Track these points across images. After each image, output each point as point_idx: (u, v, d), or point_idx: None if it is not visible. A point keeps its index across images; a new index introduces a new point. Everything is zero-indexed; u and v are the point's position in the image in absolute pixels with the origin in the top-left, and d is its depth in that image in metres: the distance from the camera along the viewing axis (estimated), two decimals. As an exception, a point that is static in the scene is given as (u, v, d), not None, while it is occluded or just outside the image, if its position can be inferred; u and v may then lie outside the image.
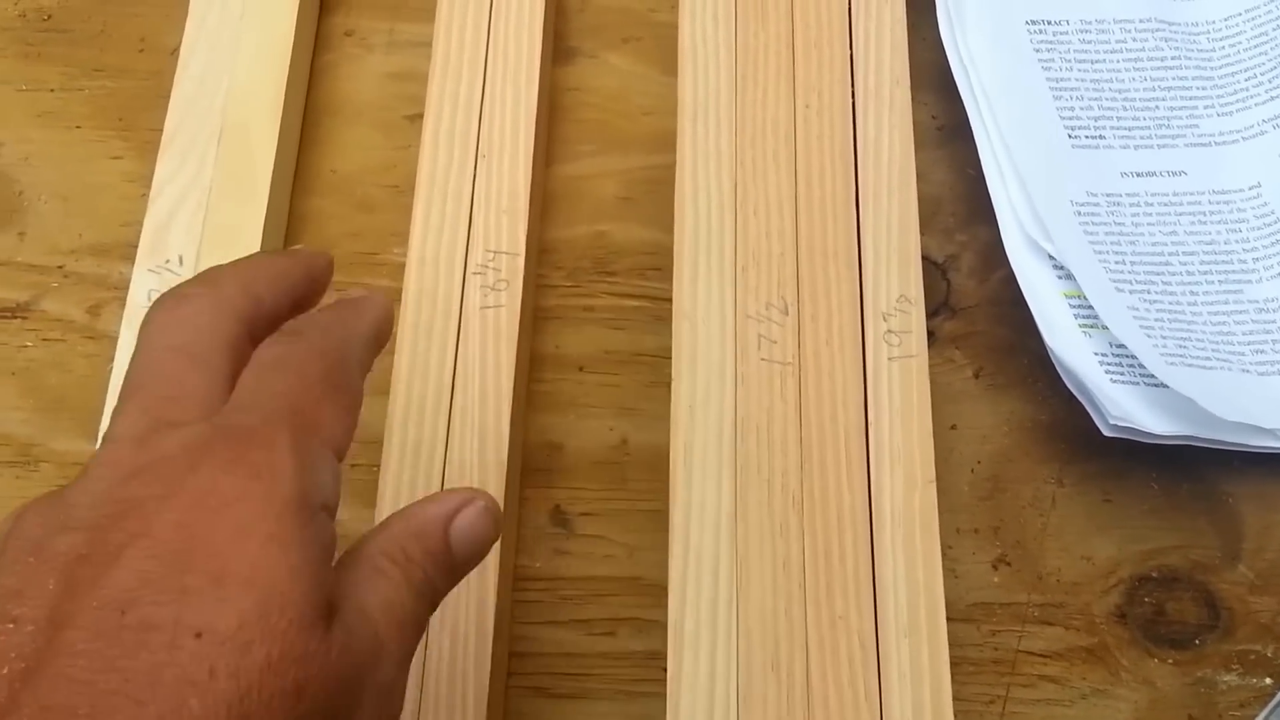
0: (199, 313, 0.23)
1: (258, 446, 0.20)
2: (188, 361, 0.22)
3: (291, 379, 0.22)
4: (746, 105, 0.34)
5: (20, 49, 0.39)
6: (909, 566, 0.29)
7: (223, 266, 0.24)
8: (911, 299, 0.31)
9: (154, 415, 0.21)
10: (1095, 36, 0.36)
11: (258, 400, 0.21)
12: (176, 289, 0.24)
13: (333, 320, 0.24)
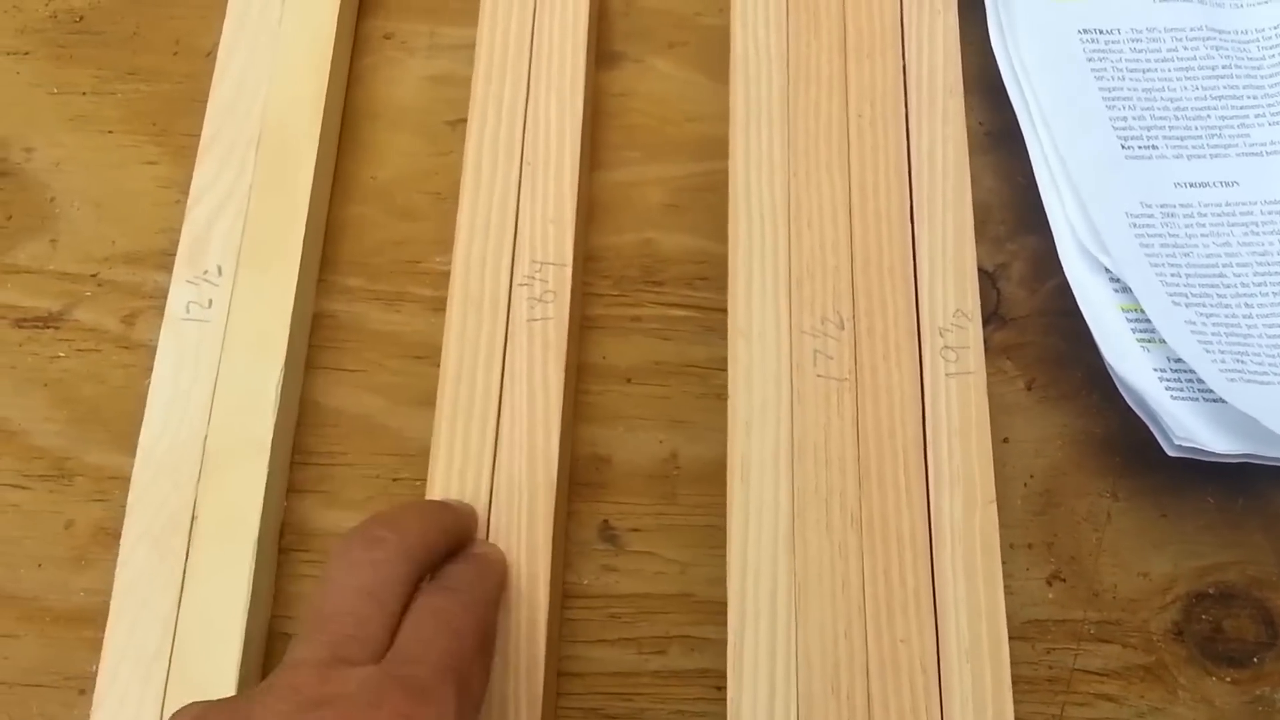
0: (387, 560, 0.25)
1: (429, 703, 0.23)
2: (372, 605, 0.25)
3: (452, 638, 0.25)
4: (799, 115, 0.32)
5: (51, 51, 0.37)
6: (970, 588, 0.27)
7: (407, 513, 0.28)
8: (968, 313, 0.30)
9: (336, 651, 0.24)
10: (1146, 45, 0.34)
11: (426, 654, 0.24)
12: (369, 530, 0.26)
13: (475, 578, 0.27)
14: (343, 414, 0.33)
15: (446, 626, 0.25)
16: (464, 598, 0.26)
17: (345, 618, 0.24)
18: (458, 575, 0.27)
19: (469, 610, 0.26)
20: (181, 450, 0.31)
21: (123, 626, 0.30)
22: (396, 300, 0.35)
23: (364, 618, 0.24)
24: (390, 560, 0.26)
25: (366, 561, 0.25)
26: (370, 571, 0.25)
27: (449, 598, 0.26)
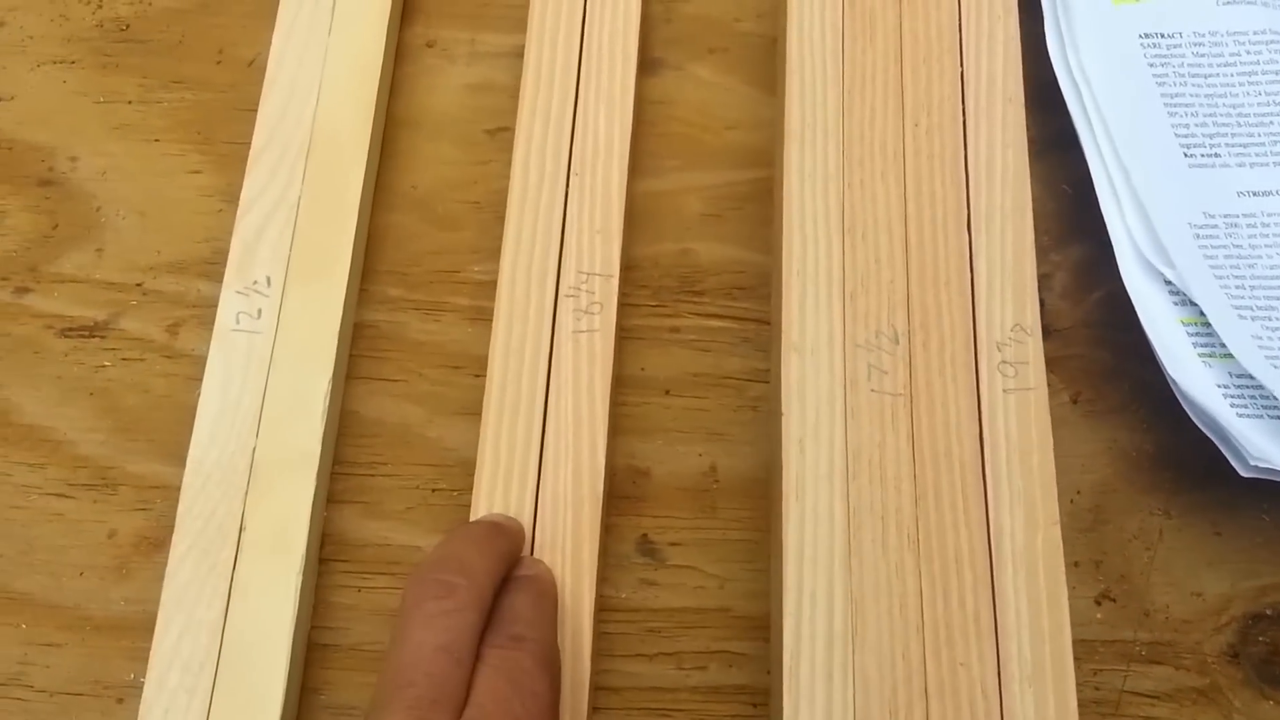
0: (460, 609, 0.25)
1: None
2: (450, 662, 0.24)
3: (529, 698, 0.24)
4: (854, 124, 0.30)
5: (97, 60, 0.36)
6: (1033, 611, 0.25)
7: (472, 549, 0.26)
8: (1027, 328, 0.28)
9: (419, 715, 0.23)
10: (1209, 50, 0.31)
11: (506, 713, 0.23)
12: (441, 575, 0.25)
13: (536, 616, 0.26)
14: (382, 424, 0.32)
15: (522, 687, 0.24)
16: (533, 648, 0.25)
17: (424, 680, 0.24)
18: (521, 616, 0.26)
19: (541, 664, 0.25)
20: (230, 461, 0.30)
21: (170, 636, 0.28)
22: (435, 310, 0.33)
23: (443, 678, 0.24)
24: (463, 609, 0.25)
25: (440, 613, 0.25)
26: (444, 624, 0.24)
27: (520, 651, 0.25)
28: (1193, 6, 0.32)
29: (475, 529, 0.28)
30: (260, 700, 0.28)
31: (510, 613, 0.26)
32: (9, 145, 0.35)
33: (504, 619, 0.26)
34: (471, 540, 0.27)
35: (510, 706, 0.24)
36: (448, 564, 0.26)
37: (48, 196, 0.34)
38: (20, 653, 0.30)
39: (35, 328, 0.33)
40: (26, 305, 0.33)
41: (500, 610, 0.26)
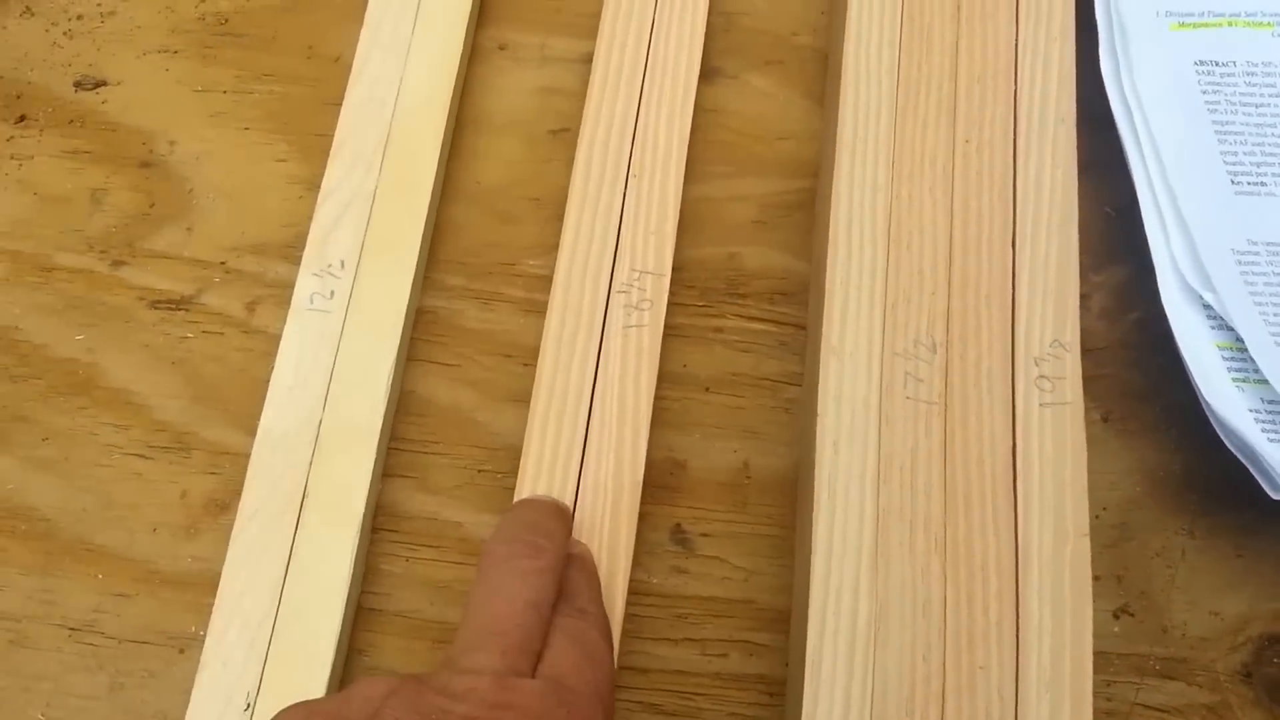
0: (548, 570, 0.25)
1: None
2: (536, 617, 0.25)
3: (597, 668, 0.25)
4: (905, 138, 0.29)
5: (198, 51, 0.36)
6: (1056, 621, 0.25)
7: (552, 519, 0.27)
8: (1066, 344, 0.27)
9: (509, 661, 0.24)
10: (1261, 80, 0.30)
11: (579, 681, 0.24)
12: (532, 538, 0.26)
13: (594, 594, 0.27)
14: (436, 405, 0.32)
15: (591, 657, 0.25)
16: (597, 622, 0.26)
17: (516, 630, 0.24)
18: (582, 591, 0.27)
19: (604, 637, 0.26)
20: (298, 433, 0.30)
21: (233, 593, 0.29)
22: (492, 299, 0.33)
23: (530, 630, 0.24)
24: (550, 570, 0.25)
25: (533, 571, 0.25)
26: (536, 582, 0.25)
27: (586, 623, 0.26)
28: (1249, 37, 0.31)
29: (548, 504, 0.28)
30: (311, 658, 0.29)
31: (574, 587, 0.27)
32: (114, 128, 0.36)
33: (570, 592, 0.26)
34: (548, 512, 0.27)
35: (582, 672, 0.24)
36: (536, 528, 0.26)
37: (146, 177, 0.35)
38: (95, 601, 0.31)
39: (128, 299, 0.34)
40: (121, 278, 0.34)
41: (566, 584, 0.26)
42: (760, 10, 0.36)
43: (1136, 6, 0.31)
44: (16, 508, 0.32)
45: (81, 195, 0.35)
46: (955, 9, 0.30)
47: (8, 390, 0.33)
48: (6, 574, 0.31)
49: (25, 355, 0.33)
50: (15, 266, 0.34)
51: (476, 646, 0.24)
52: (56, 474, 0.32)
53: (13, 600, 0.31)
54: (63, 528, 0.32)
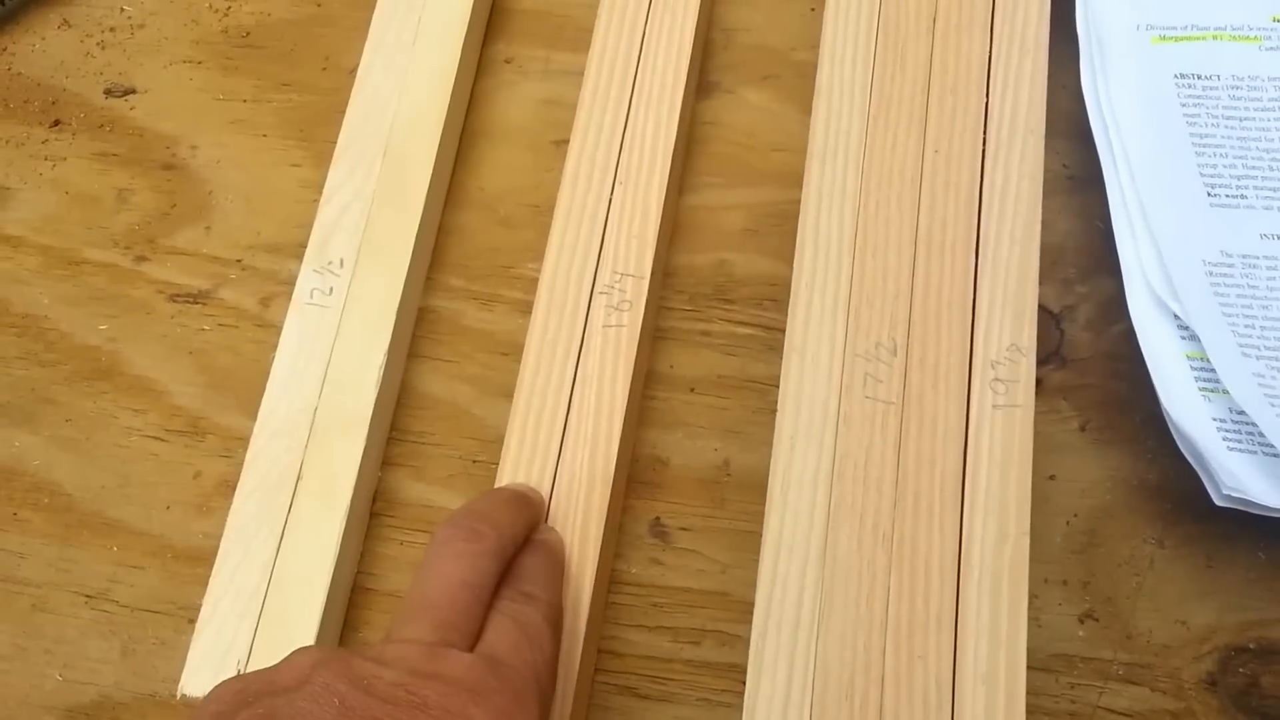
0: (485, 554, 0.29)
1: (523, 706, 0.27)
2: (471, 597, 0.28)
3: (536, 650, 0.28)
4: (875, 147, 0.35)
5: (220, 62, 0.45)
6: (993, 616, 0.30)
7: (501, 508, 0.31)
8: (1023, 349, 0.32)
9: (440, 634, 0.28)
10: (1246, 93, 0.35)
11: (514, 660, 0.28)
12: (472, 523, 0.30)
13: (548, 580, 0.31)
14: (435, 399, 0.38)
15: (531, 638, 0.28)
16: (543, 607, 0.30)
17: (448, 606, 0.28)
18: (534, 577, 0.31)
19: (548, 621, 0.30)
20: (295, 418, 0.37)
21: (228, 566, 0.35)
22: (491, 301, 0.39)
23: (463, 608, 0.28)
24: (488, 554, 0.29)
25: (469, 554, 0.29)
26: (471, 564, 0.29)
27: (530, 606, 0.29)
28: (1234, 50, 0.35)
29: (505, 493, 0.33)
30: (298, 630, 0.34)
31: (525, 571, 0.31)
32: (140, 133, 0.44)
33: (519, 576, 0.31)
34: (501, 501, 0.32)
35: (520, 651, 0.28)
36: (480, 516, 0.31)
37: (169, 179, 0.43)
38: (110, 571, 0.38)
39: (149, 292, 0.42)
40: (143, 272, 0.41)
41: (516, 568, 0.31)
42: (758, 27, 0.42)
43: (1115, 20, 0.35)
44: (41, 482, 0.39)
45: (109, 195, 0.42)
46: (930, 22, 0.35)
47: (36, 374, 0.41)
48: (30, 543, 0.39)
49: (53, 342, 0.42)
50: (46, 260, 0.42)
51: (409, 619, 0.28)
52: (78, 453, 0.40)
53: (35, 568, 0.38)
54: (82, 502, 0.39)
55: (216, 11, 0.45)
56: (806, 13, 0.42)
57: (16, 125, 0.45)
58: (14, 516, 0.39)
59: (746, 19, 0.42)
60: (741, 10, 0.42)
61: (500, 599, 0.29)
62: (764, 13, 0.42)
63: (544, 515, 0.34)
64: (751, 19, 0.42)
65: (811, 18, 0.41)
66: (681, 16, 0.39)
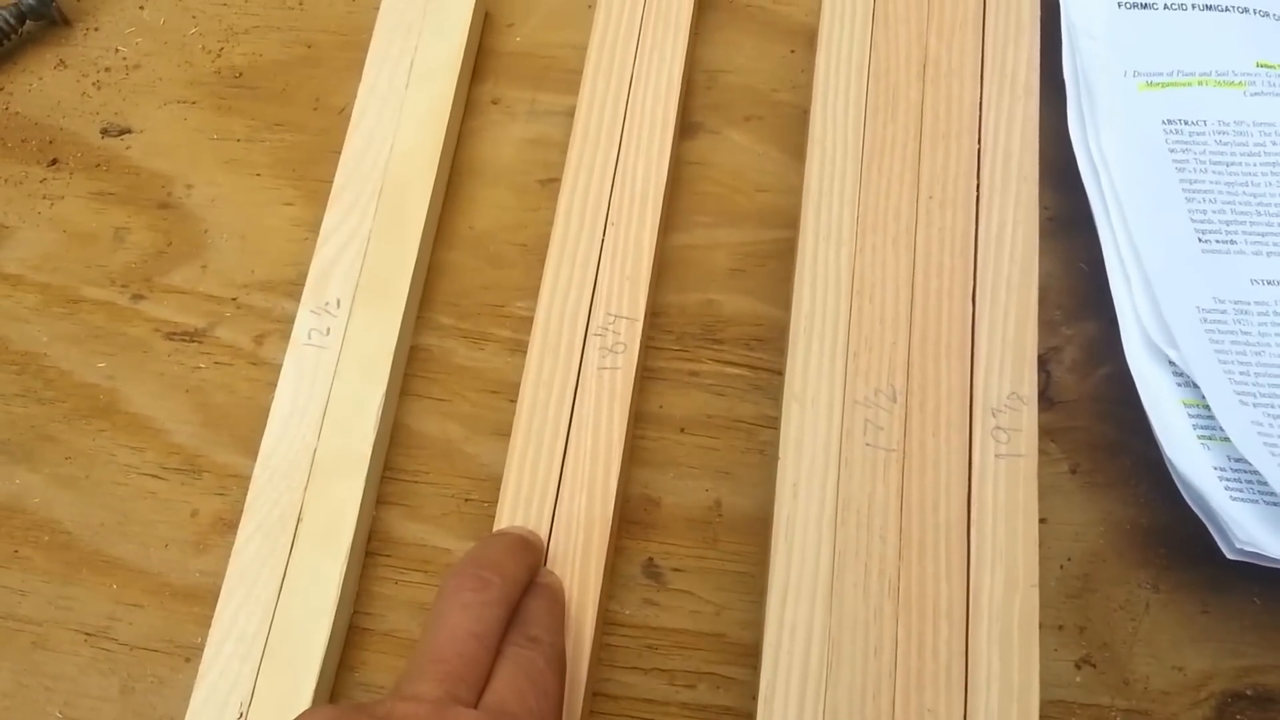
0: (493, 603, 0.25)
1: None
2: (480, 647, 0.24)
3: (542, 696, 0.24)
4: (870, 193, 0.29)
5: (214, 102, 0.38)
6: (1004, 668, 0.24)
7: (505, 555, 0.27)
8: (1024, 397, 0.26)
9: (449, 689, 0.23)
10: (1233, 139, 0.29)
11: (521, 709, 0.24)
12: (479, 572, 0.26)
13: (551, 623, 0.26)
14: (428, 437, 0.32)
15: (536, 684, 0.25)
16: (547, 651, 0.26)
17: (456, 659, 0.24)
18: (538, 620, 0.26)
19: (552, 666, 0.25)
20: (294, 459, 0.31)
21: (231, 607, 0.30)
22: (481, 339, 0.33)
23: (471, 659, 0.24)
24: (495, 603, 0.25)
25: (476, 604, 0.25)
26: (478, 613, 0.25)
27: (536, 651, 0.25)
28: (1220, 96, 0.30)
29: (509, 538, 0.28)
30: (300, 672, 0.29)
31: (529, 615, 0.26)
32: (136, 171, 0.37)
33: (524, 621, 0.26)
34: (505, 547, 0.27)
35: (525, 699, 0.24)
36: (485, 563, 0.26)
37: (165, 218, 0.36)
38: (110, 609, 0.32)
39: (145, 330, 0.35)
40: (140, 310, 0.35)
41: (521, 612, 0.26)
42: (741, 68, 0.35)
43: (1103, 67, 0.30)
44: (41, 520, 0.33)
45: (106, 233, 0.36)
46: (920, 68, 0.29)
47: (35, 411, 0.34)
48: (30, 581, 0.32)
49: (51, 380, 0.35)
50: (44, 297, 0.36)
51: (418, 675, 0.24)
52: (77, 490, 0.33)
53: (35, 605, 0.32)
54: (82, 540, 0.33)
55: (209, 52, 0.38)
56: (787, 54, 0.35)
57: (15, 164, 0.37)
58: (15, 554, 0.32)
59: (728, 60, 0.36)
60: (723, 52, 0.36)
61: (507, 644, 0.25)
62: (745, 55, 0.35)
63: (544, 558, 0.28)
64: (733, 60, 0.35)
65: (792, 59, 0.35)
66: (669, 58, 0.33)
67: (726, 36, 0.36)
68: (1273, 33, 0.30)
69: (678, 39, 0.33)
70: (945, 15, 0.30)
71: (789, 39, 0.35)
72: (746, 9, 0.36)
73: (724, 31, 0.36)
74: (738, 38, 0.36)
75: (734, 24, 0.36)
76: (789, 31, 0.36)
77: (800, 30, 0.36)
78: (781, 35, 0.36)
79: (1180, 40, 0.30)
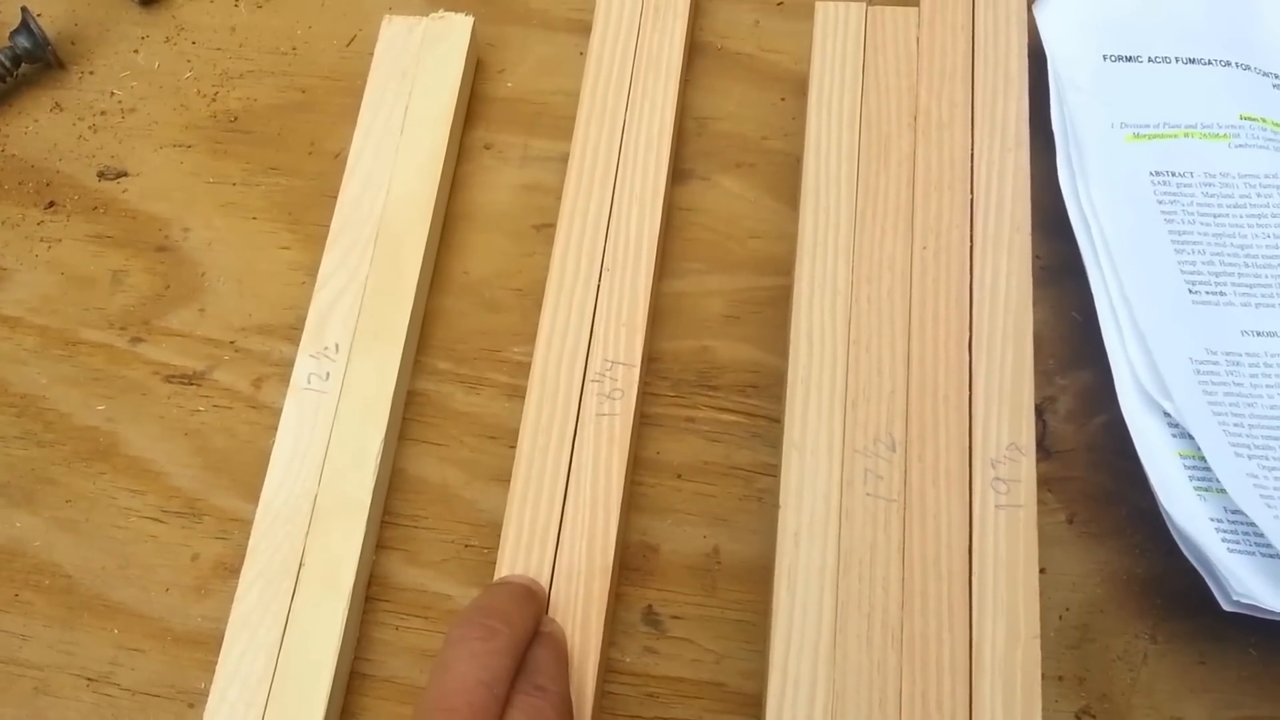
0: (501, 652, 0.23)
1: None
2: (489, 696, 0.22)
3: None
4: (864, 243, 0.26)
5: (210, 146, 0.34)
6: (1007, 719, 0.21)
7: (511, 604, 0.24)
8: (1022, 448, 0.24)
9: None
10: (1219, 190, 0.27)
11: None
12: (486, 621, 0.24)
13: (557, 671, 0.24)
14: (426, 482, 0.29)
15: None
16: (555, 700, 0.23)
17: (466, 708, 0.22)
18: (545, 669, 0.24)
19: (560, 715, 0.23)
20: (296, 504, 0.28)
21: (234, 654, 0.27)
22: (478, 384, 0.30)
23: (481, 709, 0.22)
24: (503, 652, 0.23)
25: (484, 652, 0.23)
26: (487, 663, 0.23)
27: (544, 701, 0.23)
28: (1205, 148, 0.27)
29: (514, 587, 0.25)
30: (305, 715, 0.26)
31: (535, 665, 0.24)
32: (133, 215, 0.33)
33: (530, 670, 0.24)
34: (512, 596, 0.25)
35: None
36: (492, 612, 0.24)
37: (162, 261, 0.33)
38: (111, 654, 0.29)
39: (144, 373, 0.32)
40: (139, 353, 0.32)
41: (528, 661, 0.24)
42: (732, 115, 0.33)
43: (1091, 119, 0.27)
44: (41, 564, 0.30)
45: (103, 276, 0.32)
46: (912, 118, 0.27)
47: (35, 455, 0.31)
48: (31, 625, 0.29)
49: (51, 423, 0.31)
50: (43, 340, 0.32)
51: None
52: (78, 534, 0.30)
53: (37, 650, 0.29)
54: (83, 584, 0.29)
55: (204, 96, 0.35)
56: (777, 102, 0.32)
57: (12, 207, 0.34)
58: (15, 598, 0.29)
59: (718, 108, 0.32)
60: (712, 99, 0.33)
61: (515, 693, 0.23)
62: (735, 102, 0.32)
63: (546, 606, 0.26)
64: (722, 107, 0.32)
65: (781, 107, 0.32)
66: (661, 105, 0.30)
67: (715, 84, 0.33)
68: (1254, 85, 0.28)
69: (669, 86, 0.30)
70: (934, 68, 0.27)
71: (778, 87, 0.33)
72: (735, 56, 0.33)
73: (713, 79, 0.33)
74: (727, 85, 0.33)
75: (722, 71, 0.33)
76: (777, 79, 0.33)
77: (789, 78, 0.33)
78: (770, 83, 0.33)
79: (1165, 93, 0.27)
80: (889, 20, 0.28)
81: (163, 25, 0.36)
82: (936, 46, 0.27)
